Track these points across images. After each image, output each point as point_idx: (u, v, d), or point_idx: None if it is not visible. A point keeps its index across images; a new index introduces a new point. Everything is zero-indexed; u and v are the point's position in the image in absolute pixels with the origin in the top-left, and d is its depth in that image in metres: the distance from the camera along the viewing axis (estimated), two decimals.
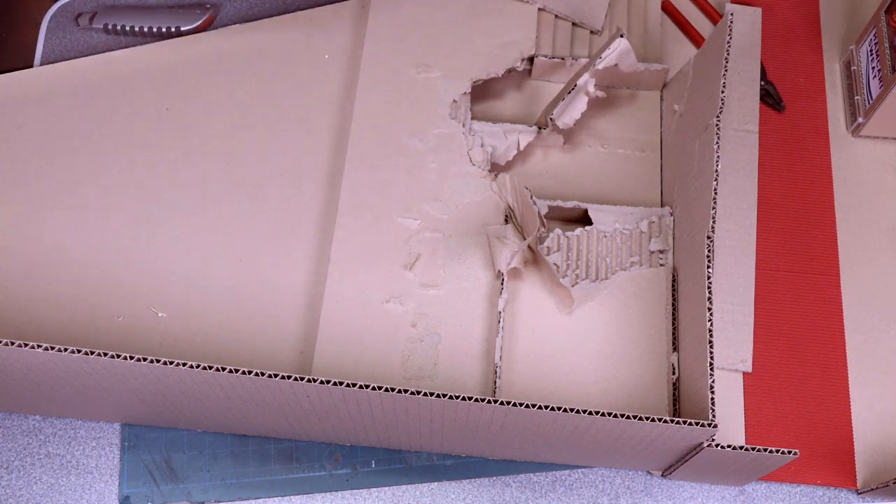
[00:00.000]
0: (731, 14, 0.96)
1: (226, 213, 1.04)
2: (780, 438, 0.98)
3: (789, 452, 0.80)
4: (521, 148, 1.06)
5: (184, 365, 0.76)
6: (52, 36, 1.15)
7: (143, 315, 0.99)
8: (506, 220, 1.01)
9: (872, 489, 0.95)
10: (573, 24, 1.13)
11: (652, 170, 1.07)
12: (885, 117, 1.08)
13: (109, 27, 1.14)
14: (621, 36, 1.01)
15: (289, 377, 0.77)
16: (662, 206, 1.05)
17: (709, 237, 0.89)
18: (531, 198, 0.96)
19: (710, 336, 0.85)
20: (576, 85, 1.02)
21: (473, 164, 1.03)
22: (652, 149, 1.09)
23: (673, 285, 0.98)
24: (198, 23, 1.14)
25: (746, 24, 1.04)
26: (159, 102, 1.09)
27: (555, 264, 0.99)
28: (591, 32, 1.13)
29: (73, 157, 1.06)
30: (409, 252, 1.00)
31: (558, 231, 1.01)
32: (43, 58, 1.13)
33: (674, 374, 0.94)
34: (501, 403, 0.77)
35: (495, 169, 1.06)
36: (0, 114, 1.08)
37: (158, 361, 0.76)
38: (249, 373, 0.77)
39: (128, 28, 1.14)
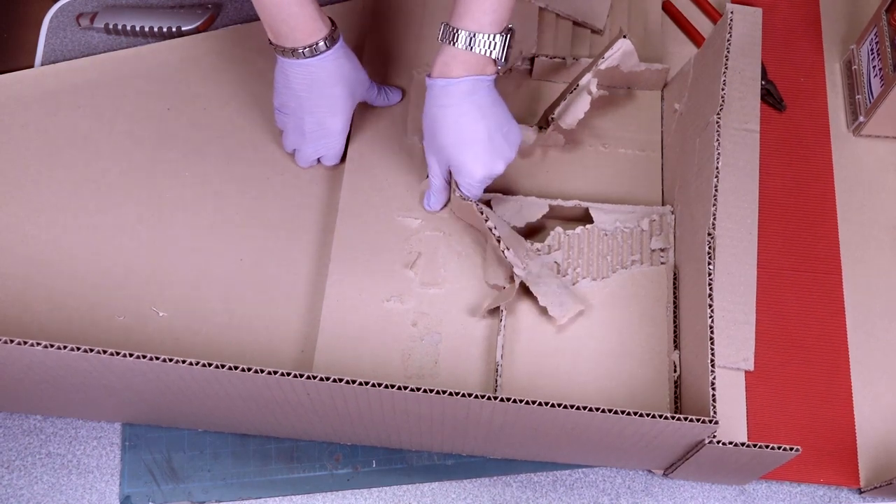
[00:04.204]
0: (732, 13, 0.96)
1: (226, 212, 1.04)
2: (782, 437, 0.98)
3: (790, 449, 0.79)
4: (523, 148, 1.06)
5: (184, 362, 0.76)
6: (53, 36, 1.15)
7: (144, 314, 0.99)
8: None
9: (875, 488, 0.95)
10: (574, 23, 1.13)
11: (653, 169, 1.07)
12: (886, 116, 1.08)
13: (110, 27, 1.14)
14: (624, 37, 1.01)
15: (289, 374, 0.77)
16: (663, 204, 1.05)
17: (710, 235, 0.89)
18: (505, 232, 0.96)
19: (711, 334, 0.85)
20: (578, 85, 1.02)
21: None
22: (653, 148, 1.08)
23: (674, 283, 0.98)
24: (198, 23, 1.15)
25: (747, 24, 1.04)
26: (160, 102, 1.09)
27: (555, 262, 0.99)
28: (593, 32, 1.13)
29: (74, 157, 1.06)
30: (410, 251, 1.00)
31: (559, 230, 1.00)
32: (44, 58, 1.13)
33: (675, 372, 0.94)
34: (502, 400, 0.77)
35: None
36: (1, 114, 1.08)
37: (158, 359, 0.76)
38: (250, 370, 0.77)
39: (128, 28, 1.14)
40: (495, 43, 0.89)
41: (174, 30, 1.14)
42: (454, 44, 0.88)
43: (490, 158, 0.94)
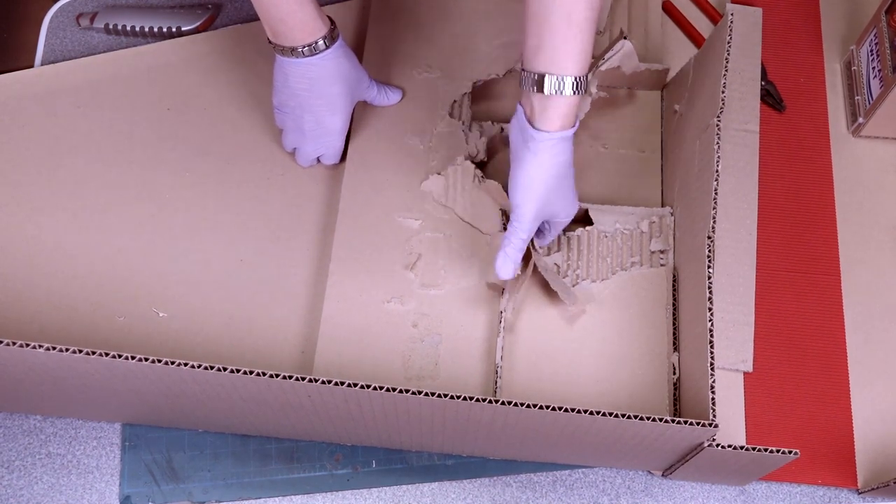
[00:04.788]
0: (732, 14, 0.96)
1: (227, 212, 1.04)
2: (780, 438, 0.98)
3: (790, 452, 0.80)
4: None
5: (185, 365, 0.76)
6: (53, 36, 1.15)
7: (145, 315, 0.99)
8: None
9: (873, 489, 0.95)
10: None
11: (652, 170, 1.07)
12: (885, 117, 1.08)
13: (110, 27, 1.14)
14: (624, 38, 1.01)
15: (290, 377, 0.77)
16: (663, 206, 1.05)
17: (709, 237, 0.89)
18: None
19: (711, 336, 0.85)
20: None
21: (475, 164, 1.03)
22: (652, 149, 1.08)
23: (673, 285, 0.98)
24: (198, 23, 1.14)
25: (747, 24, 1.04)
26: (160, 102, 1.09)
27: (555, 264, 0.99)
28: None
29: (74, 156, 1.06)
30: (410, 252, 1.00)
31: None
32: (44, 57, 1.13)
33: (674, 374, 0.94)
34: (502, 403, 0.77)
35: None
36: (1, 114, 1.08)
37: (159, 361, 0.76)
38: (250, 373, 0.77)
39: (128, 28, 1.14)
40: (588, 78, 0.85)
41: (174, 30, 1.14)
42: (564, 92, 0.83)
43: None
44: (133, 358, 0.76)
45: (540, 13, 0.81)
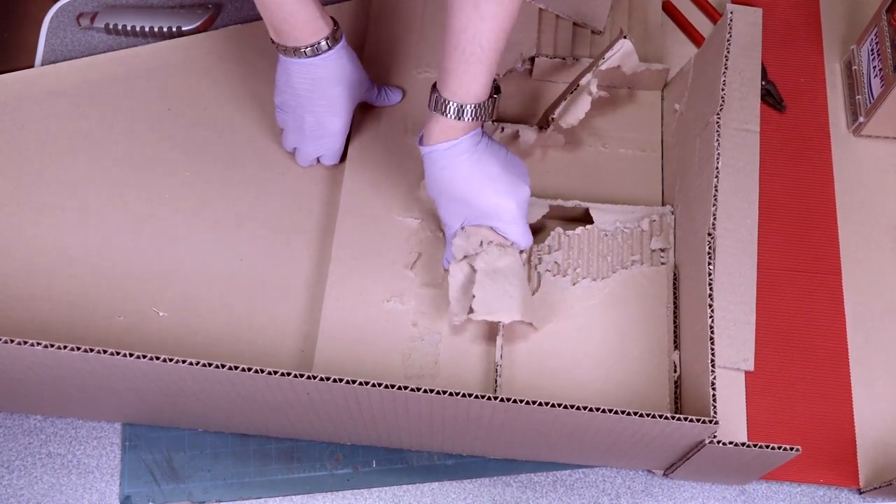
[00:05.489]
0: (732, 14, 0.96)
1: (226, 212, 1.04)
2: (781, 438, 0.98)
3: (791, 449, 0.79)
4: (523, 148, 1.06)
5: (184, 362, 0.76)
6: (53, 36, 1.15)
7: (144, 314, 0.99)
8: None
9: (875, 488, 0.95)
10: (574, 24, 1.13)
11: (653, 169, 1.07)
12: (886, 116, 1.08)
13: (110, 27, 1.14)
14: (625, 37, 1.01)
15: (288, 374, 0.77)
16: (663, 204, 1.05)
17: (710, 235, 0.89)
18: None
19: (712, 333, 0.85)
20: (578, 85, 1.02)
21: None
22: (653, 148, 1.08)
23: (674, 284, 0.98)
24: (199, 23, 1.15)
25: (747, 24, 1.04)
26: (160, 102, 1.09)
27: (556, 262, 0.99)
28: (593, 32, 1.13)
29: (74, 156, 1.06)
30: (410, 251, 1.00)
31: (559, 230, 1.00)
32: (44, 58, 1.13)
33: (675, 372, 0.94)
34: (501, 400, 0.77)
35: None
36: (1, 114, 1.08)
37: (158, 359, 0.76)
38: (250, 370, 0.76)
39: (128, 28, 1.14)
40: (487, 107, 0.88)
41: (174, 30, 1.14)
42: (448, 116, 0.87)
43: (513, 187, 0.93)
44: (132, 355, 0.76)
45: (444, 36, 0.85)
